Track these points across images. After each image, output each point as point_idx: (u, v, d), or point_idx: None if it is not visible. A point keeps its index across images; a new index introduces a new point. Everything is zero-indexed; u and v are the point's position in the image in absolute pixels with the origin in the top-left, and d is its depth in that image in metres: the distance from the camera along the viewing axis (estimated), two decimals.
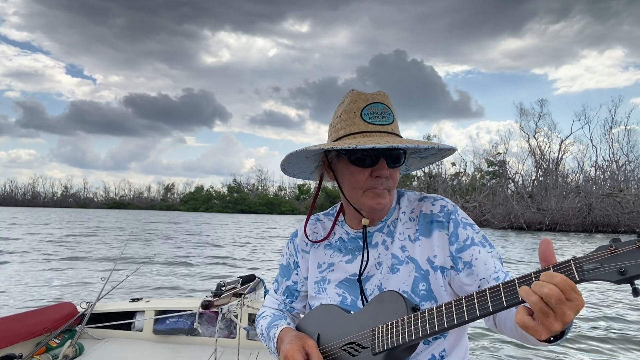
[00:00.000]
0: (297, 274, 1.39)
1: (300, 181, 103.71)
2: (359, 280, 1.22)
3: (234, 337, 3.12)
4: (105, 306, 3.32)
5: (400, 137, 1.19)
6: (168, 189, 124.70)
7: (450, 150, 1.23)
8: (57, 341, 2.93)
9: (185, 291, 8.56)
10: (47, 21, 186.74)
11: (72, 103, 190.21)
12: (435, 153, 1.28)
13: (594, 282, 0.78)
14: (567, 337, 0.89)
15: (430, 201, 1.23)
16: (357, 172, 1.16)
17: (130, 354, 2.96)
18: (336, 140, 1.19)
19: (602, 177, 46.90)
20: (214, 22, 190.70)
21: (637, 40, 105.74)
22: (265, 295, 3.48)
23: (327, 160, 1.25)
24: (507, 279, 1.04)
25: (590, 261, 0.77)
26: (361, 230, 1.26)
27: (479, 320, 0.92)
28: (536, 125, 50.83)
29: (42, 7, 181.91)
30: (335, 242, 1.32)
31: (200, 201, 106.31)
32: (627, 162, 46.75)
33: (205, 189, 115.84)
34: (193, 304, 3.23)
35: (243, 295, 3.14)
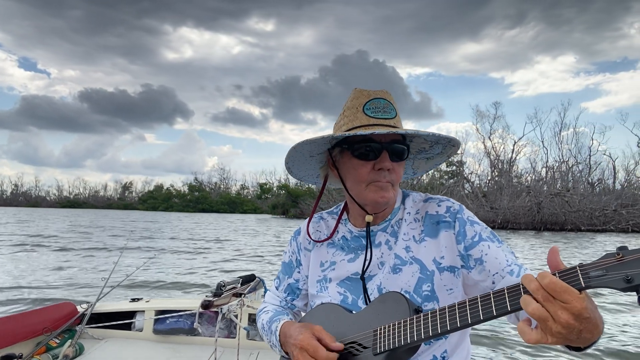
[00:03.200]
0: (299, 272, 1.40)
1: (262, 180, 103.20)
2: (362, 278, 1.22)
3: (234, 337, 3.14)
4: (105, 306, 3.32)
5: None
6: (126, 187, 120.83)
7: (455, 147, 1.23)
8: (57, 341, 2.92)
9: (185, 291, 8.51)
10: None
11: (23, 97, 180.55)
12: (440, 152, 1.28)
13: (601, 289, 0.78)
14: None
15: (436, 202, 1.24)
16: (360, 166, 1.18)
17: (130, 354, 2.96)
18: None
19: (552, 177, 49.26)
20: (175, 18, 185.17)
21: (588, 48, 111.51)
22: (265, 295, 3.62)
23: (332, 158, 1.26)
24: (522, 272, 1.07)
25: (597, 268, 0.77)
26: (363, 229, 1.26)
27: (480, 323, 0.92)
28: (491, 127, 52.78)
29: None
30: (338, 240, 1.31)
31: (159, 200, 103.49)
32: (575, 163, 49.41)
33: (165, 187, 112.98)
34: (193, 304, 3.24)
35: (243, 295, 3.16)
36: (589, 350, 0.89)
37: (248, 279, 3.42)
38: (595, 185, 47.70)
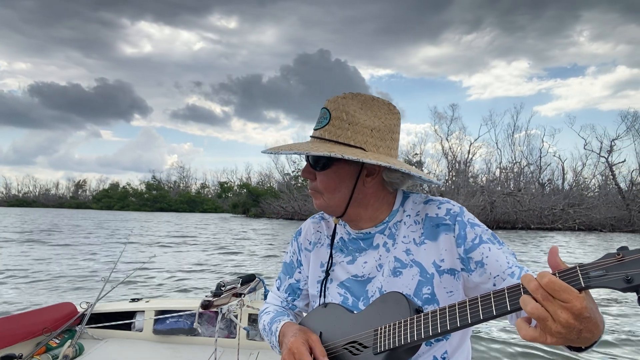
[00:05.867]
0: (300, 272, 1.40)
1: (223, 178, 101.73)
2: (327, 272, 1.29)
3: (234, 337, 3.16)
4: (105, 306, 3.30)
5: (334, 141, 1.15)
6: (79, 185, 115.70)
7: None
8: (57, 341, 2.91)
9: (185, 291, 8.46)
10: None
11: None
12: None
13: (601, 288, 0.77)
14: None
15: (436, 204, 1.22)
16: None
17: (130, 354, 2.96)
18: None
19: (505, 177, 51.26)
20: (133, 11, 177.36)
21: (540, 53, 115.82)
22: (265, 296, 3.59)
23: None
24: (523, 273, 1.06)
25: (597, 268, 0.76)
26: (361, 231, 1.27)
27: (482, 324, 1.02)
28: (448, 128, 54.06)
29: None
30: (338, 242, 1.32)
31: (115, 199, 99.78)
32: (527, 165, 51.71)
33: (121, 186, 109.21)
34: (193, 304, 3.25)
35: (243, 295, 3.17)
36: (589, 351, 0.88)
37: (248, 279, 3.45)
38: (546, 186, 49.98)
